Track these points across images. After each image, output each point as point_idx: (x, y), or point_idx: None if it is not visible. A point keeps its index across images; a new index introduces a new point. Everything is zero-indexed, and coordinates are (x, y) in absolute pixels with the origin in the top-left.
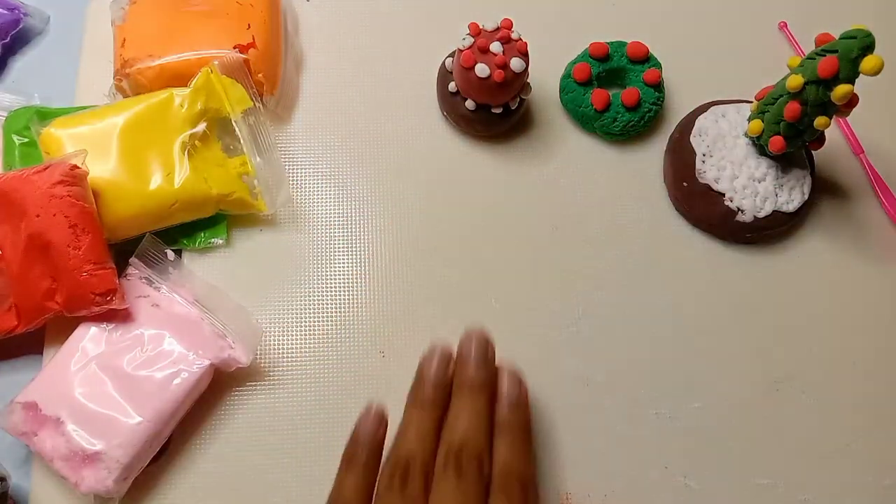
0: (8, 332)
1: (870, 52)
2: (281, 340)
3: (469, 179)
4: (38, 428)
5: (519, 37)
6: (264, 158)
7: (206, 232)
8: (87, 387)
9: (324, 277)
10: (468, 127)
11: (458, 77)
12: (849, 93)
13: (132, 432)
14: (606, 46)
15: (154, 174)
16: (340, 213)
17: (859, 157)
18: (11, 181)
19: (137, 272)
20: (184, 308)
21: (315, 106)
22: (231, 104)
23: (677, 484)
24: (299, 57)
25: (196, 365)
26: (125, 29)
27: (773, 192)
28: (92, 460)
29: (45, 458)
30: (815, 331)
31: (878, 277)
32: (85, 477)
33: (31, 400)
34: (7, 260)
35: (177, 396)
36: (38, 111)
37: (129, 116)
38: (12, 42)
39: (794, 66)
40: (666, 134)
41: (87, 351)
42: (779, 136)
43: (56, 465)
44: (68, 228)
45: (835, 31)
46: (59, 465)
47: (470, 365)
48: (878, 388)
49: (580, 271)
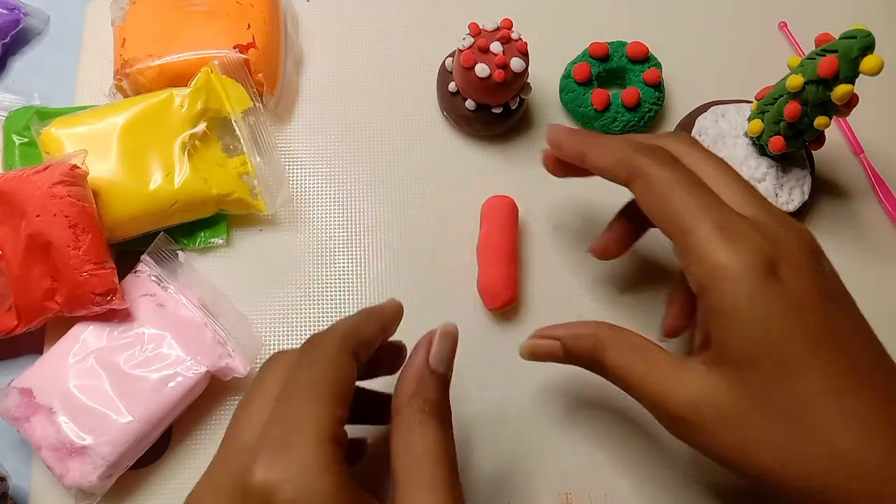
0: (8, 332)
1: (870, 52)
2: (281, 340)
3: (469, 179)
4: (31, 415)
5: (519, 37)
6: (264, 158)
7: (206, 232)
8: (82, 380)
9: (324, 277)
10: (468, 127)
11: (458, 77)
12: (849, 93)
13: (121, 431)
14: (606, 46)
15: (154, 174)
16: (340, 213)
17: (859, 157)
18: (11, 181)
19: (148, 269)
20: (188, 311)
21: (315, 106)
22: (231, 104)
23: (677, 484)
24: (299, 57)
25: (192, 371)
26: (125, 29)
27: (773, 192)
28: (79, 454)
29: (33, 446)
30: None
31: (878, 277)
32: (70, 469)
33: (26, 386)
34: (7, 260)
35: (170, 400)
36: (38, 111)
37: (129, 116)
38: (12, 42)
39: (794, 66)
40: None
41: (88, 344)
42: (779, 136)
43: (43, 455)
44: (68, 228)
45: (835, 31)
46: (46, 454)
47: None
48: None
49: (581, 271)
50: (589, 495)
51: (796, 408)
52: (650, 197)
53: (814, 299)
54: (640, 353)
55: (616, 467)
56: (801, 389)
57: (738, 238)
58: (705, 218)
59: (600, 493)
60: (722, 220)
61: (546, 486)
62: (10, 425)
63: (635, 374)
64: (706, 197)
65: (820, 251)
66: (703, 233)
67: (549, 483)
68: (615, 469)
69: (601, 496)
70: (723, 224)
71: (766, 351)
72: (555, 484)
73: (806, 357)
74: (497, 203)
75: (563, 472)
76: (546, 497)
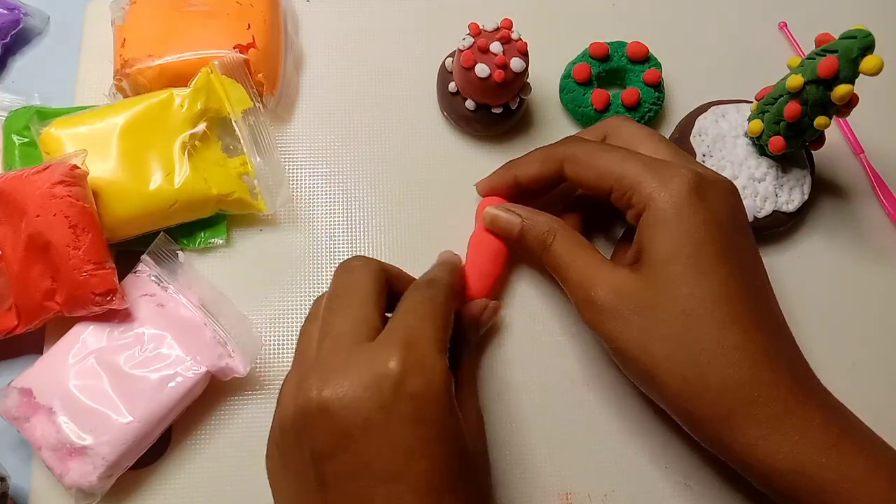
0: (8, 332)
1: (870, 52)
2: (281, 340)
3: (469, 179)
4: (31, 415)
5: (519, 37)
6: (264, 158)
7: (206, 232)
8: (82, 380)
9: (324, 277)
10: (468, 127)
11: (458, 77)
12: (849, 93)
13: (121, 431)
14: (606, 46)
15: (154, 174)
16: (340, 213)
17: (859, 157)
18: (11, 181)
19: (148, 269)
20: (188, 311)
21: (315, 106)
22: (231, 104)
23: (677, 484)
24: (299, 57)
25: (192, 370)
26: (125, 29)
27: (773, 192)
28: (79, 454)
29: (33, 446)
30: (815, 331)
31: (878, 277)
32: (70, 469)
33: (26, 386)
34: (7, 260)
35: (170, 400)
36: (38, 111)
37: (129, 116)
38: (12, 42)
39: (794, 66)
40: (666, 134)
41: (88, 344)
42: (779, 136)
43: (43, 455)
44: (68, 228)
45: (835, 31)
46: (46, 454)
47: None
48: (877, 388)
49: None
50: (589, 495)
51: (695, 305)
52: (580, 168)
53: (727, 222)
54: (583, 248)
55: (616, 467)
56: (702, 290)
57: (666, 170)
58: (632, 162)
59: (600, 493)
60: (647, 161)
61: (546, 485)
62: (10, 425)
63: (573, 262)
64: (626, 150)
65: (740, 200)
66: (634, 171)
67: (549, 483)
68: (615, 469)
69: (601, 496)
70: (648, 163)
71: (680, 254)
72: (555, 484)
73: (712, 264)
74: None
75: (563, 472)
76: (546, 497)
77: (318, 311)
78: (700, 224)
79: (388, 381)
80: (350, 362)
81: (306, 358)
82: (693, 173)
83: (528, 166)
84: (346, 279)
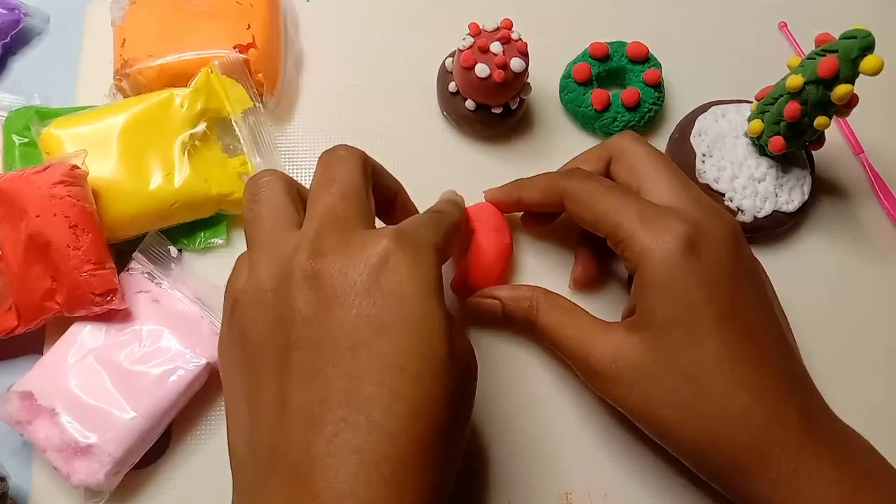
0: (8, 332)
1: (870, 52)
2: None
3: (469, 179)
4: (33, 417)
5: (519, 37)
6: (264, 158)
7: (206, 232)
8: (83, 379)
9: None
10: (468, 127)
11: (458, 77)
12: (849, 93)
13: (126, 427)
14: (606, 46)
15: (154, 174)
16: None
17: (859, 157)
18: (11, 181)
19: (140, 267)
20: (184, 305)
21: (315, 106)
22: (231, 104)
23: (677, 484)
24: (299, 57)
25: (193, 363)
26: (125, 29)
27: (773, 192)
28: (84, 453)
29: (38, 448)
30: (815, 331)
31: (878, 277)
32: (77, 469)
33: (27, 389)
34: (7, 260)
35: (172, 393)
36: (38, 111)
37: (129, 116)
38: (12, 42)
39: (794, 66)
40: (666, 134)
41: (86, 343)
42: (779, 136)
43: (49, 456)
44: (68, 228)
45: (835, 31)
46: (51, 455)
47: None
48: (878, 388)
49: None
50: (589, 495)
51: (697, 370)
52: (578, 208)
53: (726, 278)
54: (570, 314)
55: (616, 467)
56: (704, 355)
57: (659, 222)
58: (628, 211)
59: (600, 493)
60: (643, 211)
61: (546, 485)
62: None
63: (564, 333)
64: (624, 195)
65: (740, 235)
66: (628, 223)
67: (549, 483)
68: (615, 469)
69: (601, 496)
70: (643, 214)
71: (678, 318)
72: (555, 484)
73: (712, 327)
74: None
75: (563, 472)
76: (546, 497)
77: (259, 192)
78: (695, 286)
79: (378, 257)
80: (346, 241)
81: (263, 237)
82: (687, 226)
83: (531, 191)
84: (336, 165)
